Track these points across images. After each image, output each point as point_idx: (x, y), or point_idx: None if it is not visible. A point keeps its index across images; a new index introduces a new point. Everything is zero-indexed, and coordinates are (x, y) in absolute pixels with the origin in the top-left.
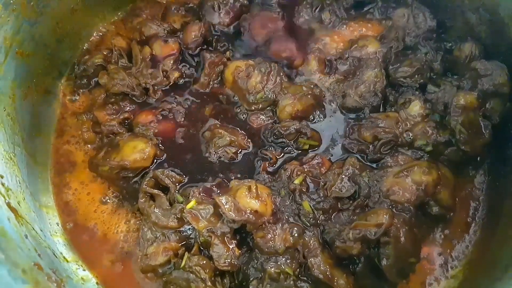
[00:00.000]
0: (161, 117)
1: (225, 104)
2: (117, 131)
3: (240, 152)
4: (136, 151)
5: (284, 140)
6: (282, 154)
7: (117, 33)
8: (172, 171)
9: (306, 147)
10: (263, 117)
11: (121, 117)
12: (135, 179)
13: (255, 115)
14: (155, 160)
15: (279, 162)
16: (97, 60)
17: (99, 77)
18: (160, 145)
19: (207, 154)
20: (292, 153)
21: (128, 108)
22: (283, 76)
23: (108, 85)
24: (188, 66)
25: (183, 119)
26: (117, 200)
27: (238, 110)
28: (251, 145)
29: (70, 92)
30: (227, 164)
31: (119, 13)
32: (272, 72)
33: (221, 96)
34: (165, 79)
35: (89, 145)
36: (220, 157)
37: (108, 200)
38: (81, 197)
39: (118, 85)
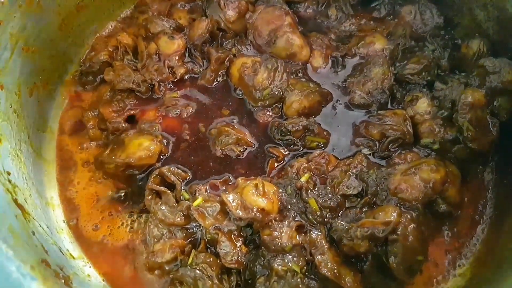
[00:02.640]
0: (166, 114)
1: (231, 101)
2: (123, 128)
3: (246, 150)
4: (141, 149)
5: (291, 137)
6: (288, 152)
7: (122, 30)
8: (177, 168)
9: (314, 144)
10: (270, 113)
11: (127, 114)
12: (141, 176)
13: (262, 111)
14: (160, 157)
15: (285, 160)
16: (103, 56)
17: (105, 73)
18: (166, 142)
19: (213, 152)
20: (299, 151)
21: (133, 104)
22: (289, 73)
23: (114, 81)
24: (194, 62)
25: (188, 115)
26: (123, 197)
27: (244, 107)
28: (257, 143)
29: (76, 89)
30: (233, 162)
31: (125, 10)
32: (279, 69)
33: (226, 92)
34: (170, 75)
35: (94, 142)
36: (226, 155)
37: (114, 197)
38: (85, 194)
39: (123, 82)
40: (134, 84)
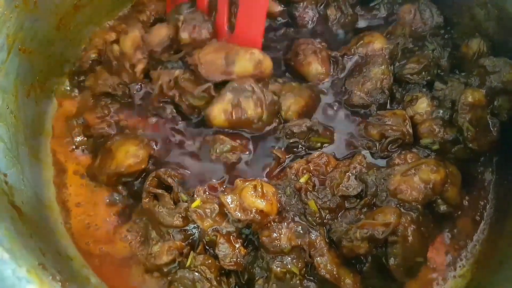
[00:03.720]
0: (147, 117)
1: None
2: (107, 133)
3: (242, 157)
4: (129, 156)
5: (296, 139)
6: (290, 154)
7: (110, 29)
8: (174, 169)
9: (318, 145)
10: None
11: (111, 119)
12: (137, 180)
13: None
14: (150, 160)
15: (286, 162)
16: (93, 55)
17: (86, 79)
18: (154, 144)
19: (208, 158)
20: (300, 152)
21: (117, 109)
22: (264, 85)
23: (93, 86)
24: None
25: (173, 119)
26: (120, 200)
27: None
28: (253, 150)
29: (68, 91)
30: (229, 166)
31: (123, 9)
32: (255, 89)
33: None
34: (132, 73)
35: (81, 149)
36: (222, 162)
37: (111, 200)
38: (82, 197)
39: (100, 85)
40: (110, 87)
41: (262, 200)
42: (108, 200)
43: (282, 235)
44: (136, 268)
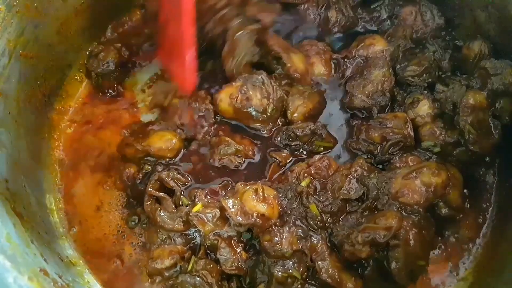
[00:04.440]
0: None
1: None
2: None
3: (245, 162)
4: (163, 140)
5: (298, 142)
6: (292, 157)
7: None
8: (177, 173)
9: (321, 149)
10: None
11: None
12: (141, 181)
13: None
14: (179, 154)
15: (288, 165)
16: (113, 56)
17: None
18: (187, 143)
19: (211, 160)
20: (302, 156)
21: None
22: (276, 81)
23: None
24: None
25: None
26: (122, 204)
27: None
28: (257, 154)
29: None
30: (231, 169)
31: (124, 14)
32: (265, 81)
33: None
34: None
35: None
36: (224, 165)
37: (113, 204)
38: (85, 201)
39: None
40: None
41: (263, 204)
42: (112, 203)
43: (283, 239)
44: (137, 272)
